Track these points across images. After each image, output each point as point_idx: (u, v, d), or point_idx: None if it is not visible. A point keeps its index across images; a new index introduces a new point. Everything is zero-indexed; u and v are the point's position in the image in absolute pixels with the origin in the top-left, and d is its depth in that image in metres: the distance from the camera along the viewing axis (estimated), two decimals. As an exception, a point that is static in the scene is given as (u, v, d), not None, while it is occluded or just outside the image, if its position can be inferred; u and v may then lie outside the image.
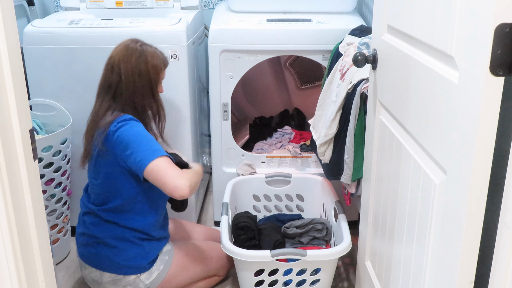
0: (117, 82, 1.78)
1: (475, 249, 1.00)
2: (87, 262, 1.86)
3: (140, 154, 1.68)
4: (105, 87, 1.81)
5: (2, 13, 0.94)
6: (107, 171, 1.77)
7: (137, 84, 1.79)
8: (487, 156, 0.93)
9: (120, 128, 1.71)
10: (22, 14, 2.61)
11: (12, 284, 1.02)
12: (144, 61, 1.80)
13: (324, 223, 2.16)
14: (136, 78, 1.79)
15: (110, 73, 1.80)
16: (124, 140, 1.70)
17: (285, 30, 2.24)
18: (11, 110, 0.98)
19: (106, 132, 1.72)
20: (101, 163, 1.77)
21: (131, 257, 1.82)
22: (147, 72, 1.80)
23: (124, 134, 1.71)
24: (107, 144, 1.73)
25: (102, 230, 1.82)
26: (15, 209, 1.00)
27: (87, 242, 1.85)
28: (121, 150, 1.71)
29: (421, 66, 1.20)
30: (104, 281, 1.84)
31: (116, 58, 1.79)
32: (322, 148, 2.00)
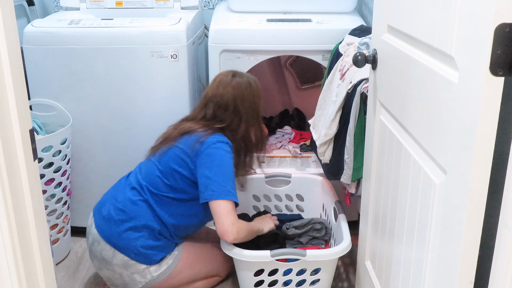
0: (231, 118, 1.89)
1: (475, 249, 1.00)
2: (105, 238, 1.85)
3: (215, 186, 1.77)
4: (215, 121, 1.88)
5: (2, 13, 0.94)
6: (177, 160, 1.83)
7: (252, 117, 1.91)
8: (487, 156, 0.93)
9: (215, 147, 1.80)
10: (22, 14, 2.61)
11: (12, 284, 1.02)
12: (256, 96, 1.91)
13: (323, 223, 2.16)
14: (250, 112, 1.90)
15: (223, 110, 1.88)
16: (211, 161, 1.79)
17: (285, 30, 2.24)
18: (11, 110, 0.98)
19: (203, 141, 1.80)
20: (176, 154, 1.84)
21: (149, 247, 1.84)
22: (254, 103, 1.92)
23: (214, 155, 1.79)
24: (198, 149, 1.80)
25: (137, 211, 1.84)
26: (15, 209, 1.00)
27: (114, 217, 1.85)
28: (204, 165, 1.79)
29: (421, 66, 1.20)
30: (114, 262, 1.84)
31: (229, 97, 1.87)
32: (322, 148, 2.00)
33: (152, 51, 2.14)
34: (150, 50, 2.14)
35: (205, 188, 1.78)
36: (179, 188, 1.85)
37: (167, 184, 1.84)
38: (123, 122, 2.25)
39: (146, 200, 1.85)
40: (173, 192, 1.85)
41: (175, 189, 1.85)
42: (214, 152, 1.79)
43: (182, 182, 1.84)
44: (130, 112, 2.24)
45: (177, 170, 1.83)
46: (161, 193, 1.85)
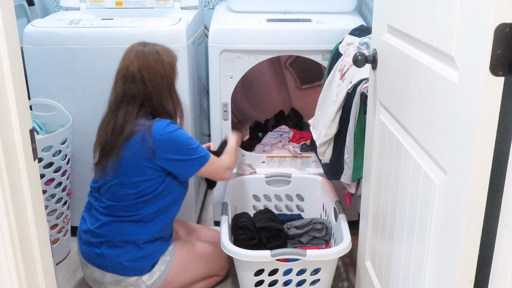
0: (142, 91, 1.77)
1: (475, 249, 1.00)
2: (89, 261, 1.86)
3: (191, 162, 1.82)
4: (127, 98, 1.78)
5: (2, 13, 0.94)
6: (136, 171, 1.77)
7: (159, 87, 1.79)
8: (487, 156, 0.93)
9: (170, 133, 1.76)
10: (22, 14, 2.61)
11: (12, 284, 1.02)
12: (161, 62, 1.79)
13: (324, 223, 2.16)
14: (159, 82, 1.79)
15: (130, 84, 1.77)
16: (173, 146, 1.77)
17: (285, 30, 2.24)
18: (11, 110, 0.98)
19: (144, 136, 1.73)
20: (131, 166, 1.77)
21: (134, 259, 1.82)
22: (164, 72, 1.80)
23: (171, 139, 1.76)
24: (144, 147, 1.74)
25: (111, 231, 1.81)
26: (15, 209, 1.00)
27: (91, 240, 1.84)
28: (169, 156, 1.77)
29: (421, 66, 1.20)
30: (106, 281, 1.84)
31: (135, 68, 1.76)
32: (322, 148, 2.00)
33: (152, 51, 2.14)
34: (150, 50, 2.14)
35: (184, 169, 1.83)
36: (146, 189, 1.80)
37: (134, 193, 1.79)
38: (123, 122, 2.25)
39: (118, 218, 1.81)
40: (141, 196, 1.80)
41: (142, 192, 1.80)
42: (169, 140, 1.76)
43: (152, 183, 1.80)
44: (130, 112, 2.24)
45: (142, 179, 1.78)
46: (132, 202, 1.80)
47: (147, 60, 1.77)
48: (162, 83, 1.80)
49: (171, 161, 1.78)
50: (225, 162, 1.97)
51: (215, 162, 1.91)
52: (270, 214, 2.23)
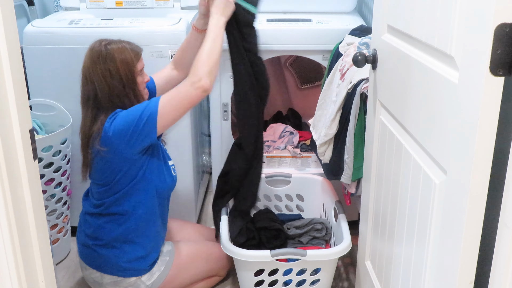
0: (94, 91, 1.71)
1: (475, 249, 1.00)
2: (88, 263, 1.86)
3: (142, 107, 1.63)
4: (85, 99, 1.74)
5: (2, 13, 0.94)
6: (110, 167, 1.74)
7: (111, 87, 1.70)
8: (487, 156, 0.93)
9: (113, 121, 1.67)
10: (22, 14, 2.61)
11: (12, 284, 1.02)
12: (112, 60, 1.70)
13: (324, 223, 2.16)
14: (109, 81, 1.69)
15: (85, 84, 1.73)
16: (121, 126, 1.65)
17: (285, 30, 2.24)
18: (11, 110, 0.98)
19: (101, 133, 1.68)
20: (101, 163, 1.75)
21: (132, 259, 1.82)
22: (117, 70, 1.69)
23: (119, 122, 1.66)
24: (106, 143, 1.69)
25: (105, 232, 1.81)
26: (15, 209, 1.00)
27: (88, 243, 1.85)
28: (122, 136, 1.65)
29: (421, 66, 1.20)
30: (105, 282, 1.84)
31: (85, 67, 1.72)
32: (322, 148, 2.00)
33: (152, 51, 2.14)
34: (150, 50, 2.14)
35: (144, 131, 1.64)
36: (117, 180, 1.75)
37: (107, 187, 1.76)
38: (123, 122, 2.25)
39: (107, 218, 1.80)
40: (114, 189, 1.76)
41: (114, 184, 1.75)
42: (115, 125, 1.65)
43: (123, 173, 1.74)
44: (130, 112, 2.24)
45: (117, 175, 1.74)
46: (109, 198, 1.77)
47: (96, 60, 1.70)
48: (113, 81, 1.69)
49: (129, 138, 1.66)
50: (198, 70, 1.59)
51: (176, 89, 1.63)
52: (270, 214, 2.23)
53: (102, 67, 1.69)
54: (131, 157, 1.71)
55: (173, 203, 2.39)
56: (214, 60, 1.66)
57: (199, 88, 1.62)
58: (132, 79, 1.73)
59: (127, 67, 1.71)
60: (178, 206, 2.38)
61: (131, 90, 1.73)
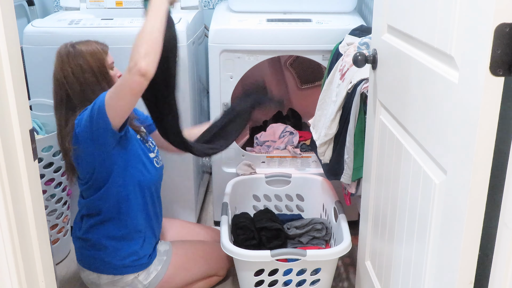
0: (65, 92, 1.72)
1: (475, 249, 1.00)
2: (83, 265, 1.87)
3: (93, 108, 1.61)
4: (58, 103, 1.76)
5: (2, 13, 0.94)
6: (84, 163, 1.73)
7: (84, 81, 1.70)
8: (487, 156, 0.93)
9: (80, 118, 1.67)
10: (22, 14, 2.61)
11: (12, 284, 1.02)
12: (81, 54, 1.71)
13: (324, 223, 2.16)
14: (81, 76, 1.70)
15: (57, 88, 1.74)
16: (84, 122, 1.65)
17: (285, 30, 2.24)
18: (11, 110, 0.98)
19: (73, 132, 1.69)
20: (80, 162, 1.74)
21: (125, 256, 1.81)
22: (88, 63, 1.70)
23: (83, 118, 1.66)
24: (76, 140, 1.69)
25: (94, 232, 1.82)
26: (15, 209, 1.00)
27: (82, 245, 1.85)
28: (86, 129, 1.65)
29: (421, 66, 1.20)
30: (102, 282, 1.84)
31: (56, 71, 1.74)
32: (322, 148, 2.00)
33: (152, 51, 2.14)
34: (150, 50, 2.14)
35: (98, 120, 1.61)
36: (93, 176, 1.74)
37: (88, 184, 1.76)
38: (123, 122, 2.25)
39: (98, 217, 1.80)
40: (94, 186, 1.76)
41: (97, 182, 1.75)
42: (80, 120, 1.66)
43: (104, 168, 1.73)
44: (130, 112, 2.24)
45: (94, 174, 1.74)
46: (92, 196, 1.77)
47: (64, 60, 1.72)
48: (85, 76, 1.71)
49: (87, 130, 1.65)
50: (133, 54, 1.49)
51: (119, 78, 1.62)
52: (270, 214, 2.23)
53: (72, 64, 1.71)
54: (100, 152, 1.69)
55: (173, 203, 2.39)
56: (151, 40, 1.50)
57: (136, 73, 1.47)
58: (104, 71, 1.74)
59: (97, 59, 1.73)
60: (178, 206, 2.39)
61: (105, 81, 1.74)
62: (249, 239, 2.05)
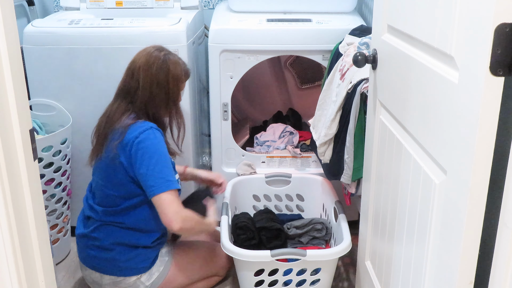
0: (135, 88, 1.77)
1: (475, 249, 1.00)
2: (86, 264, 1.87)
3: (152, 180, 1.70)
4: (124, 92, 1.79)
5: (2, 13, 0.94)
6: (117, 175, 1.75)
7: (154, 93, 1.77)
8: (487, 156, 0.93)
9: (140, 140, 1.69)
10: (22, 14, 2.61)
11: (12, 284, 1.02)
12: (165, 71, 1.77)
13: (324, 223, 2.16)
14: (154, 88, 1.76)
15: (130, 78, 1.78)
16: (141, 156, 1.69)
17: (285, 30, 2.24)
18: (11, 110, 0.98)
19: (123, 138, 1.71)
20: (111, 166, 1.75)
21: (130, 259, 1.82)
22: (166, 82, 1.78)
23: (142, 150, 1.69)
24: (122, 151, 1.71)
25: (104, 234, 1.81)
26: (15, 209, 1.00)
27: (87, 244, 1.85)
28: (136, 163, 1.70)
29: (421, 66, 1.20)
30: (104, 282, 1.84)
31: (137, 65, 1.77)
32: (322, 148, 2.00)
33: (152, 51, 2.14)
34: (150, 50, 2.14)
35: (145, 186, 1.71)
36: (129, 195, 1.78)
37: (118, 196, 1.78)
38: (123, 122, 2.25)
39: (106, 222, 1.81)
40: (126, 201, 1.78)
41: (125, 197, 1.78)
42: (139, 147, 1.70)
43: (131, 186, 1.76)
44: (130, 112, 2.24)
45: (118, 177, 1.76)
46: (118, 207, 1.79)
47: (151, 63, 1.76)
48: (157, 91, 1.77)
49: (134, 170, 1.72)
50: (185, 217, 1.72)
51: (175, 201, 1.72)
52: (270, 214, 2.23)
53: (154, 73, 1.76)
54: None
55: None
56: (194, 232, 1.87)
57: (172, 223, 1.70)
58: (174, 95, 1.82)
59: (175, 82, 1.80)
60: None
61: (174, 105, 1.84)
62: (249, 239, 2.05)
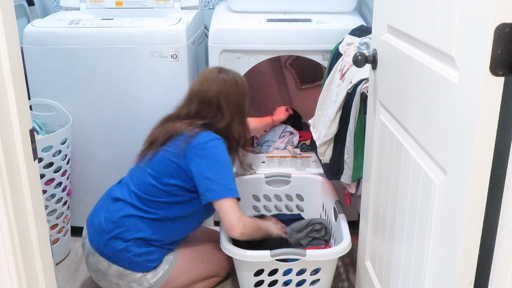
0: (215, 114, 1.86)
1: (475, 249, 1.00)
2: (97, 250, 1.85)
3: (216, 185, 1.76)
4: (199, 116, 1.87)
5: (2, 13, 0.94)
6: (168, 171, 1.81)
7: (235, 115, 1.89)
8: (487, 156, 0.93)
9: (210, 146, 1.78)
10: (22, 14, 2.61)
11: (12, 284, 1.02)
12: (238, 91, 1.88)
13: (323, 223, 2.15)
14: (234, 109, 1.88)
15: (206, 106, 1.87)
16: (208, 161, 1.77)
17: (285, 30, 2.24)
18: (11, 110, 0.98)
19: (192, 141, 1.78)
20: (165, 162, 1.81)
21: (143, 254, 1.82)
22: (240, 101, 1.90)
23: (211, 155, 1.78)
24: (188, 151, 1.78)
25: (132, 224, 1.81)
26: (15, 209, 1.00)
27: (105, 229, 1.83)
28: (201, 165, 1.76)
29: (421, 66, 1.20)
30: (110, 273, 1.84)
31: (213, 92, 1.86)
32: (322, 148, 2.00)
33: (152, 51, 2.14)
34: (150, 50, 2.14)
35: (205, 189, 1.77)
36: (174, 191, 1.82)
37: (161, 189, 1.81)
38: (123, 122, 2.25)
39: (137, 211, 1.82)
40: (167, 196, 1.82)
41: (169, 192, 1.82)
42: (208, 153, 1.78)
43: (176, 184, 1.81)
44: (130, 112, 2.24)
45: (170, 173, 1.81)
46: (157, 199, 1.82)
47: (227, 89, 1.87)
48: (236, 110, 1.89)
49: (197, 172, 1.78)
50: (246, 223, 1.79)
51: (237, 208, 1.78)
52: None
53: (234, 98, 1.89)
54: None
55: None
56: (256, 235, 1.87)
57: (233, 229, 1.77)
58: (244, 110, 1.95)
59: (245, 98, 1.94)
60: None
61: (242, 120, 1.95)
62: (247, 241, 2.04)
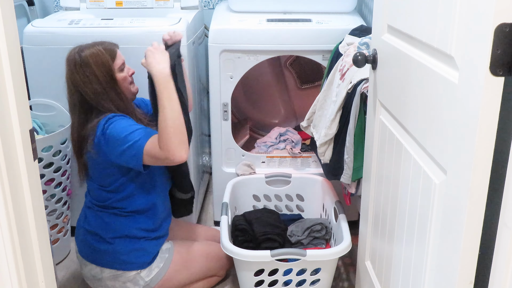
0: (79, 98, 1.76)
1: (475, 249, 1.00)
2: (87, 259, 1.87)
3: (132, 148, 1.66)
4: (72, 106, 1.80)
5: (2, 13, 0.94)
6: (101, 170, 1.78)
7: (94, 90, 1.74)
8: (487, 156, 0.93)
9: (107, 129, 1.70)
10: (22, 14, 2.61)
11: (12, 284, 1.02)
12: (88, 65, 1.74)
13: (323, 223, 2.16)
14: (90, 85, 1.73)
15: (71, 92, 1.78)
16: (113, 140, 1.68)
17: (285, 30, 2.24)
18: (11, 110, 0.98)
19: (94, 137, 1.71)
20: (94, 166, 1.79)
21: (131, 252, 1.83)
22: (94, 73, 1.73)
23: (111, 134, 1.69)
24: (98, 148, 1.72)
25: (103, 227, 1.83)
26: (15, 209, 1.00)
27: (87, 238, 1.86)
28: (113, 149, 1.70)
29: (421, 66, 1.20)
30: (104, 277, 1.84)
31: (67, 76, 1.78)
32: (322, 148, 2.00)
33: (152, 51, 2.14)
34: (150, 50, 2.14)
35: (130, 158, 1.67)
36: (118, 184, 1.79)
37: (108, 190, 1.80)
38: (123, 122, 2.25)
39: (106, 214, 1.83)
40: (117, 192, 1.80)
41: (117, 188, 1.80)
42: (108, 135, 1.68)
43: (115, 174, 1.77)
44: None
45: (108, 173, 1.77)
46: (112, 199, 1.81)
47: (72, 69, 1.76)
48: (96, 86, 1.74)
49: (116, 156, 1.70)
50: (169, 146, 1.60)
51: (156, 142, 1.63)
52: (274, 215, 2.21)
53: (80, 73, 1.74)
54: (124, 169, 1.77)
55: (173, 203, 2.39)
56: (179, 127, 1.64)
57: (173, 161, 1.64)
58: (110, 80, 1.76)
59: (104, 69, 1.75)
60: (178, 206, 2.38)
61: (112, 90, 1.77)
62: (247, 241, 2.05)
